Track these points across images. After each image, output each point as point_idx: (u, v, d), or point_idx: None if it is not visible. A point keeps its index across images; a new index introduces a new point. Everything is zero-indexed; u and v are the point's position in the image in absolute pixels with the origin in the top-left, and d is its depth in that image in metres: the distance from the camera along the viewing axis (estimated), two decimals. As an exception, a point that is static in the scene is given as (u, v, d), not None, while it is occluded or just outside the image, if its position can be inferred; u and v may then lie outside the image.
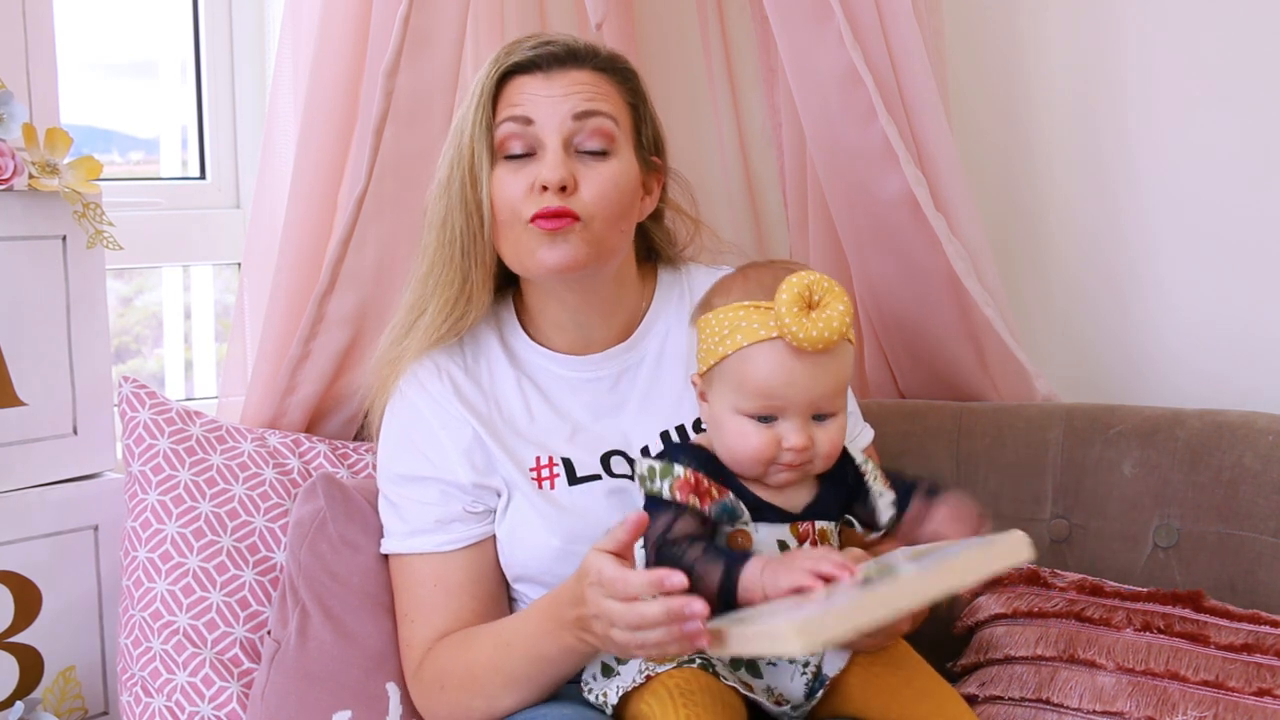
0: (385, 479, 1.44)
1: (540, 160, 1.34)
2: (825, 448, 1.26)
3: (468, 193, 1.36)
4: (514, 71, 1.37)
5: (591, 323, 1.43)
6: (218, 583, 1.48)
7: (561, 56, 1.37)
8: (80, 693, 1.58)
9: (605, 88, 1.38)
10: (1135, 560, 1.59)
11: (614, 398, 1.44)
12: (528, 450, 1.41)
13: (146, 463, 1.52)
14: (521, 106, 1.35)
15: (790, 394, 1.23)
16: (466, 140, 1.36)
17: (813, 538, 1.28)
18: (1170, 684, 1.38)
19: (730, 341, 1.24)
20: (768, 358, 1.23)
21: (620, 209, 1.36)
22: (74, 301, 1.55)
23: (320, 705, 1.38)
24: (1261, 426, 1.57)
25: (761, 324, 1.23)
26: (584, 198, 1.34)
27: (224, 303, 2.05)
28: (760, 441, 1.24)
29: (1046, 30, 1.97)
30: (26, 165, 1.46)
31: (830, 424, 1.26)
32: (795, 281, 1.20)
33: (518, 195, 1.34)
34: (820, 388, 1.23)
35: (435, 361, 1.43)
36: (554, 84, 1.36)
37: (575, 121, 1.34)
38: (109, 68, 2.02)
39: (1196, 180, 1.87)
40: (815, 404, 1.24)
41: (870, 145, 1.71)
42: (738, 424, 1.26)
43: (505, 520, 1.40)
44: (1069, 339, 2.00)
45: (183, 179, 2.00)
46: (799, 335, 1.20)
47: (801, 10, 1.69)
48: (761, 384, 1.23)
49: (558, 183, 1.32)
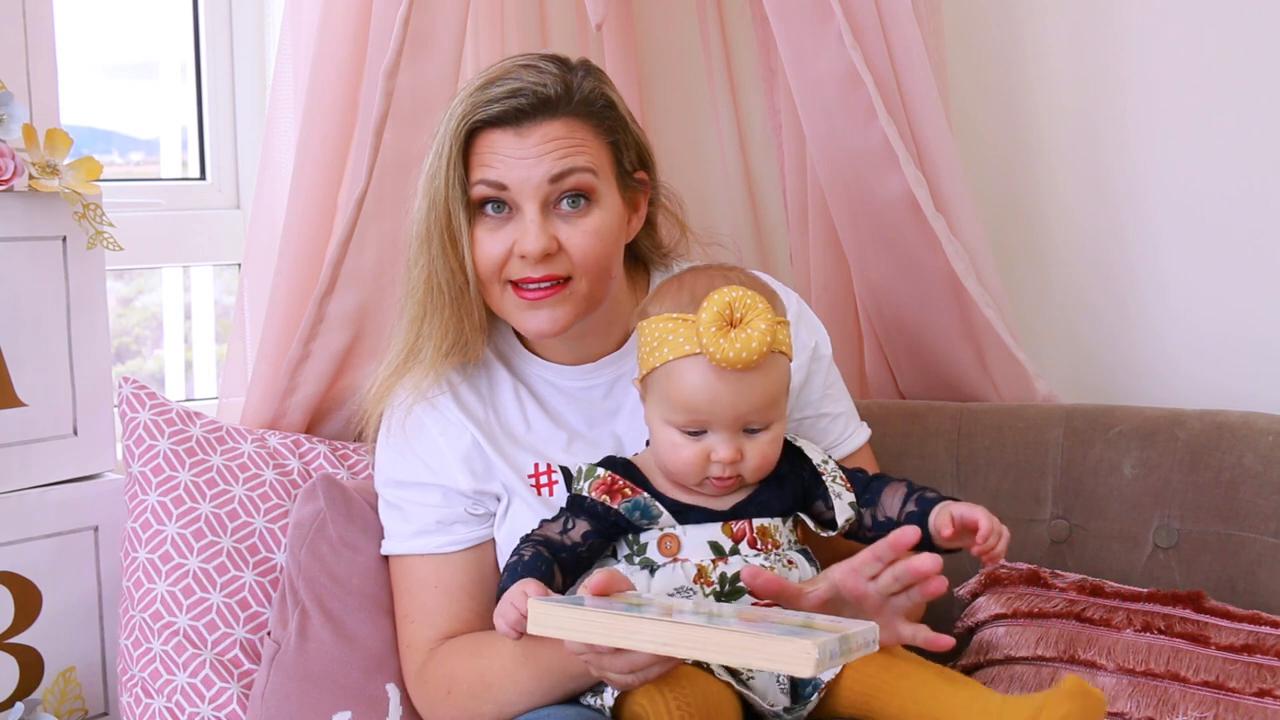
0: (385, 484, 1.44)
1: (518, 222, 1.30)
2: (755, 460, 1.26)
3: (449, 253, 1.31)
4: (483, 125, 1.30)
5: (586, 342, 1.42)
6: (218, 584, 1.48)
7: (530, 111, 1.28)
8: (80, 694, 1.58)
9: (581, 134, 1.31)
10: (1135, 561, 1.59)
11: (608, 404, 1.43)
12: (526, 458, 1.40)
13: (146, 463, 1.52)
14: (495, 169, 1.29)
15: (715, 410, 1.23)
16: (441, 200, 1.30)
17: (750, 536, 1.28)
18: (1171, 684, 1.38)
19: (658, 354, 1.25)
20: (691, 374, 1.23)
21: (608, 256, 1.33)
22: (74, 302, 1.55)
23: (320, 706, 1.38)
24: (1261, 427, 1.57)
25: (687, 338, 1.23)
26: (570, 257, 1.30)
27: (224, 303, 2.05)
28: (690, 454, 1.26)
29: (1047, 30, 1.97)
30: (27, 166, 1.46)
31: (761, 436, 1.26)
32: (716, 299, 1.20)
33: (498, 255, 1.30)
34: (746, 404, 1.24)
35: (435, 370, 1.42)
36: (526, 142, 1.28)
37: (552, 184, 1.29)
38: (109, 68, 2.01)
39: (1197, 181, 1.87)
40: (743, 418, 1.24)
41: (870, 146, 1.71)
42: (669, 435, 1.27)
43: (505, 524, 1.40)
44: (1069, 340, 2.00)
45: (183, 179, 2.00)
46: (716, 355, 1.20)
47: (801, 11, 1.69)
48: (686, 399, 1.24)
49: (539, 253, 1.28)
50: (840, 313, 1.92)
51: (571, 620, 1.09)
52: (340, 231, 1.61)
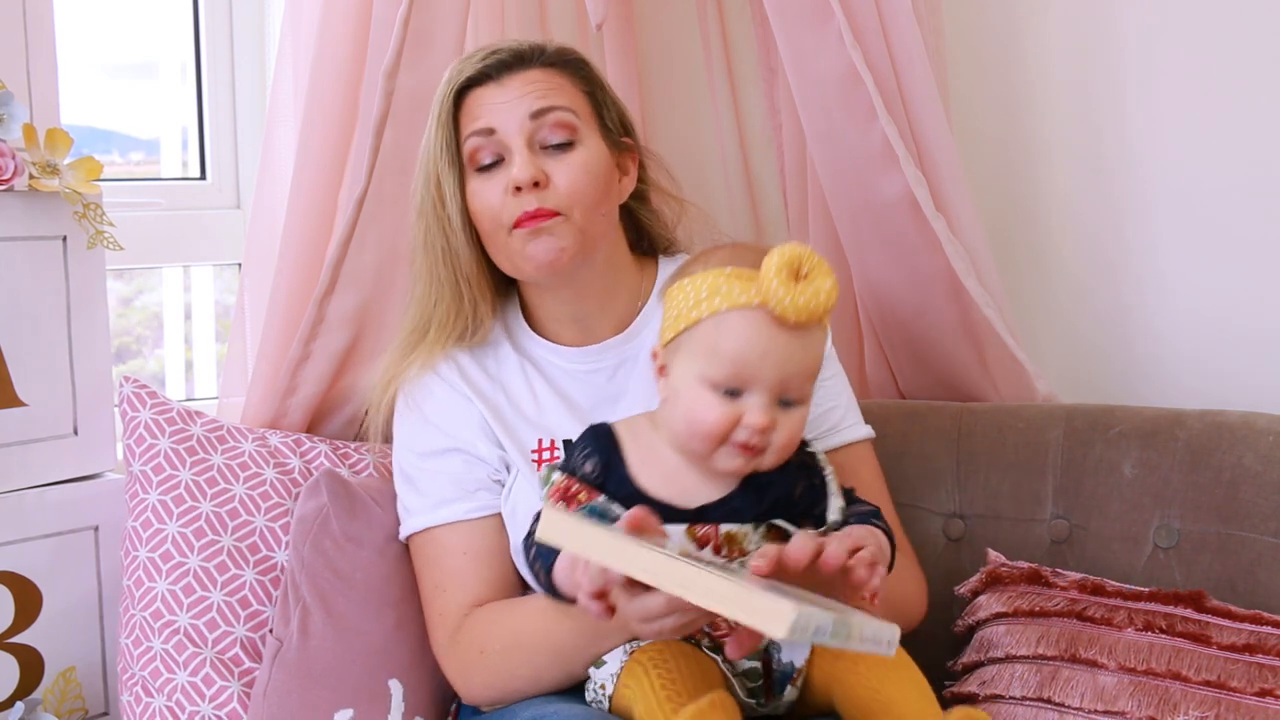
0: (406, 458, 1.45)
1: (508, 166, 1.37)
2: (784, 437, 1.21)
3: (440, 211, 1.40)
4: (468, 86, 1.40)
5: (589, 313, 1.44)
6: (218, 582, 1.48)
7: (509, 62, 1.40)
8: (81, 693, 1.58)
9: (557, 81, 1.40)
10: (1136, 561, 1.59)
11: (611, 388, 1.44)
12: (530, 433, 1.42)
13: (147, 463, 1.52)
14: (482, 119, 1.38)
15: (763, 367, 1.18)
16: (431, 160, 1.40)
17: (716, 542, 1.22)
18: (1172, 684, 1.38)
19: (707, 305, 1.20)
20: (746, 324, 1.19)
21: (597, 193, 1.38)
22: (74, 302, 1.55)
23: (322, 703, 1.38)
24: (1262, 427, 1.57)
25: (743, 290, 1.19)
26: (559, 190, 1.36)
27: (224, 303, 2.05)
28: (719, 415, 1.20)
29: (1047, 30, 1.97)
30: (27, 166, 1.46)
31: (794, 412, 1.22)
32: (786, 250, 1.16)
33: (495, 202, 1.37)
34: (794, 365, 1.19)
35: (442, 348, 1.45)
36: (507, 89, 1.39)
37: (533, 121, 1.37)
38: (109, 68, 2.02)
39: (1197, 180, 1.87)
40: (785, 384, 1.20)
41: (870, 145, 1.71)
42: (699, 395, 1.21)
43: (509, 499, 1.41)
44: (1069, 339, 2.00)
45: (183, 179, 2.00)
46: (784, 301, 1.15)
47: (801, 10, 1.69)
48: (735, 351, 1.19)
49: (529, 180, 1.35)
50: (840, 312, 1.92)
51: (577, 532, 1.06)
52: (340, 232, 1.61)
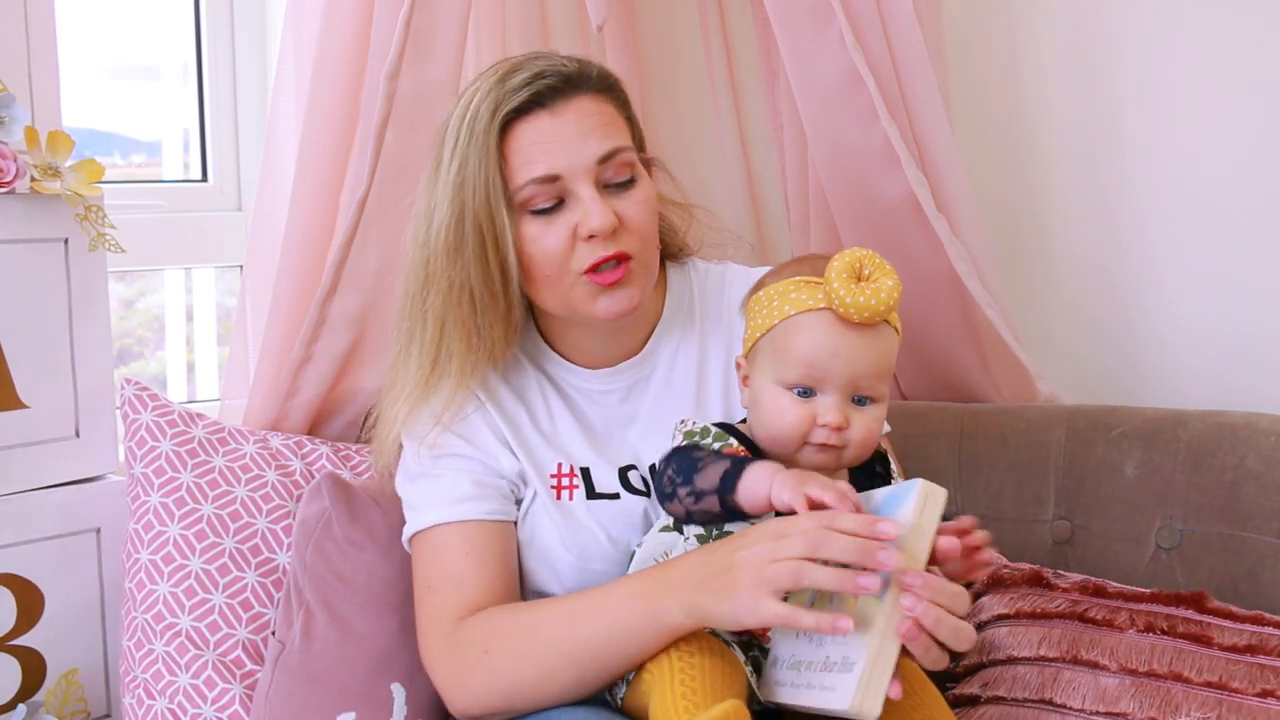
0: (421, 459, 1.38)
1: (573, 208, 1.29)
2: (860, 433, 1.25)
3: (494, 255, 1.29)
4: (513, 116, 1.29)
5: (612, 342, 1.42)
6: (220, 585, 1.48)
7: (560, 87, 1.29)
8: (82, 695, 1.58)
9: (609, 112, 1.32)
10: (1138, 561, 1.59)
11: (625, 410, 1.43)
12: (549, 457, 1.39)
13: (149, 465, 1.52)
14: (540, 162, 1.28)
15: (832, 366, 1.23)
16: (481, 202, 1.28)
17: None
18: (1174, 685, 1.38)
19: (778, 312, 1.25)
20: (813, 326, 1.23)
21: (655, 229, 1.35)
22: (76, 304, 1.55)
23: (324, 707, 1.38)
24: (1264, 428, 1.57)
25: (810, 295, 1.24)
26: (629, 231, 1.31)
27: (226, 305, 2.06)
28: (796, 416, 1.24)
29: (1047, 30, 1.97)
30: (28, 168, 1.46)
31: (869, 409, 1.25)
32: (846, 255, 1.22)
33: (561, 247, 1.29)
34: (862, 363, 1.23)
35: (463, 388, 1.38)
36: (562, 121, 1.29)
37: (600, 165, 1.29)
38: (111, 70, 2.02)
39: (1198, 181, 1.87)
40: (855, 382, 1.24)
41: (872, 147, 1.72)
42: (776, 398, 1.25)
43: (526, 523, 1.38)
44: (1071, 340, 2.00)
45: (184, 182, 2.00)
46: (846, 301, 1.20)
47: (802, 12, 1.69)
48: (804, 352, 1.23)
49: (609, 229, 1.28)
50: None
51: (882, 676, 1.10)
52: (342, 234, 1.61)
